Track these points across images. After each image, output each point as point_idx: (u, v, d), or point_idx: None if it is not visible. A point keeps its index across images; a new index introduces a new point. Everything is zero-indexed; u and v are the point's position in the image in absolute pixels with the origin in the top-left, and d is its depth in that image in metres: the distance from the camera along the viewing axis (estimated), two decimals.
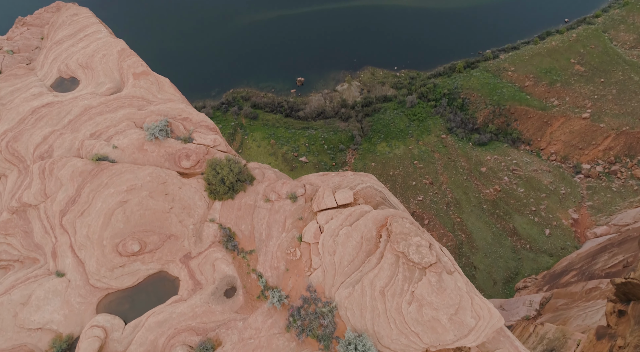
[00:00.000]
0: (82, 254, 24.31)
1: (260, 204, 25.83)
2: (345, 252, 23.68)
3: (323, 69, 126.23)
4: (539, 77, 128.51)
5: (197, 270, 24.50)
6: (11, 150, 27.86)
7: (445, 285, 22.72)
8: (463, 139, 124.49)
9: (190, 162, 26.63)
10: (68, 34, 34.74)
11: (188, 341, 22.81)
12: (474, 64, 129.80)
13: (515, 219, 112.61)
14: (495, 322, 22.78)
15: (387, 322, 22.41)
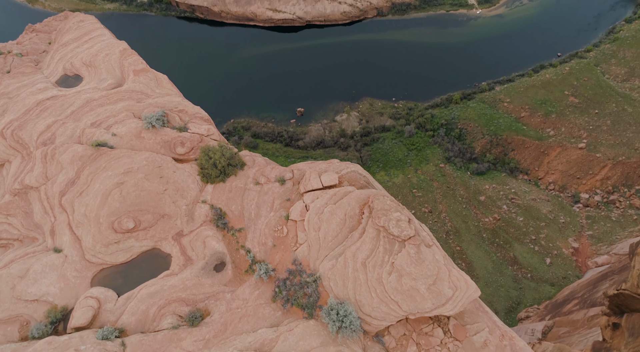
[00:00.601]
0: (79, 232, 25.67)
1: (250, 186, 27.33)
2: (329, 228, 25.00)
3: (322, 100, 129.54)
4: (535, 108, 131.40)
5: (188, 246, 25.77)
6: (16, 137, 29.65)
7: (424, 257, 23.90)
8: (461, 168, 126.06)
9: (184, 149, 28.32)
10: (74, 37, 37.24)
11: (178, 310, 23.87)
12: (470, 96, 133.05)
13: (516, 248, 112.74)
14: (472, 293, 23.82)
15: (368, 291, 23.48)
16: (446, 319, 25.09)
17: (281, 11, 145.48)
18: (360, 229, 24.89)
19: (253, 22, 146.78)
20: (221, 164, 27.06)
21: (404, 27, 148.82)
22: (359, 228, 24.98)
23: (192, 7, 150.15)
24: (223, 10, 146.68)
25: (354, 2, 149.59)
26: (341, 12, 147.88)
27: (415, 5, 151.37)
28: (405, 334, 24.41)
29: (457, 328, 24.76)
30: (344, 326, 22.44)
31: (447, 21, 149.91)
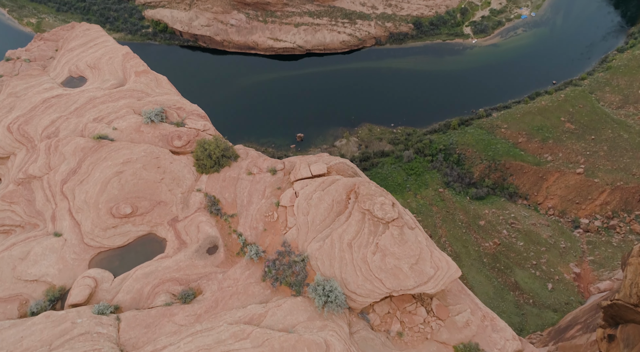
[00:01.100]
0: (79, 217, 27.07)
1: (243, 176, 28.85)
2: (317, 212, 26.38)
3: (322, 126, 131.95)
4: (531, 134, 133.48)
5: (183, 231, 27.11)
6: (21, 131, 31.35)
7: (407, 238, 25.19)
8: (460, 193, 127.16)
9: (181, 142, 29.97)
10: (80, 43, 39.47)
11: (171, 289, 25.04)
12: (467, 122, 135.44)
13: (517, 273, 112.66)
14: (453, 273, 25.00)
15: (353, 270, 24.68)
16: (429, 299, 26.15)
17: (282, 40, 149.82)
18: (347, 213, 26.28)
19: (254, 50, 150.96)
20: (216, 155, 28.66)
21: (401, 56, 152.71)
22: (345, 212, 26.36)
23: (195, 36, 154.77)
24: (225, 40, 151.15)
25: (353, 31, 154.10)
26: (340, 41, 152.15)
27: (413, 35, 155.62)
28: (390, 312, 25.45)
29: (439, 308, 25.80)
30: (329, 301, 23.55)
31: (444, 50, 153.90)
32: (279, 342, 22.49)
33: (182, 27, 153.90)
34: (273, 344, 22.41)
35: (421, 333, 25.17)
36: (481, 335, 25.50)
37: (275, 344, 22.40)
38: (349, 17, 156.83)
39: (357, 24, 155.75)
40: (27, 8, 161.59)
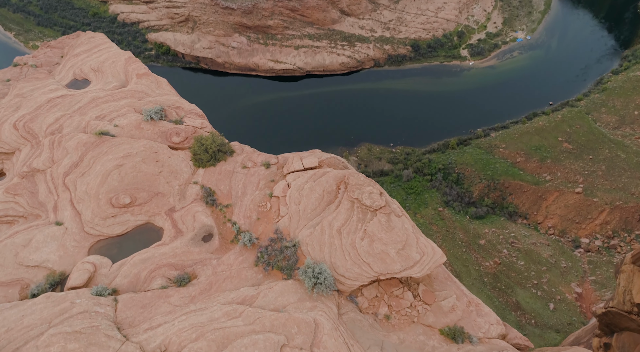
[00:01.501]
0: (80, 207, 28.38)
1: (238, 170, 30.24)
2: (308, 202, 27.68)
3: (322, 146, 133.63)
4: (530, 153, 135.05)
5: (179, 220, 28.36)
6: (27, 128, 32.89)
7: (394, 224, 26.42)
8: (460, 212, 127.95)
9: (179, 138, 31.46)
10: (84, 49, 41.42)
11: (167, 274, 26.17)
12: (466, 141, 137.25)
13: (518, 293, 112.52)
14: (438, 259, 26.13)
15: (342, 255, 25.83)
16: (416, 285, 27.20)
17: (282, 62, 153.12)
18: (337, 202, 27.56)
19: (255, 72, 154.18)
20: (212, 150, 30.13)
21: (400, 77, 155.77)
22: (335, 201, 27.65)
23: (197, 58, 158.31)
24: (227, 61, 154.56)
25: (352, 53, 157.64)
26: (340, 63, 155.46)
27: (411, 57, 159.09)
28: (377, 296, 26.49)
29: (426, 293, 26.83)
30: (318, 283, 24.64)
31: (442, 72, 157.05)
32: (270, 321, 23.52)
33: (185, 50, 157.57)
34: (264, 322, 23.45)
35: (408, 316, 26.15)
36: (466, 319, 26.46)
37: (266, 322, 23.44)
38: (348, 40, 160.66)
39: (356, 47, 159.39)
40: (34, 32, 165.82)
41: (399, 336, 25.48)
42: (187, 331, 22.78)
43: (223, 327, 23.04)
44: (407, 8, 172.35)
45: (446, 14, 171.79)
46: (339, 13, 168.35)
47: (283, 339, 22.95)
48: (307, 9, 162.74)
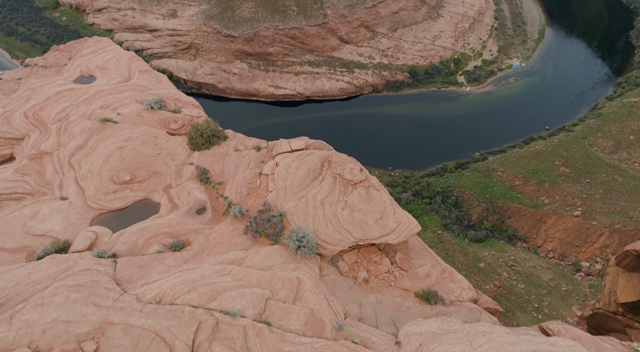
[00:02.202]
0: (84, 183, 31.10)
1: (231, 152, 33.05)
2: (295, 178, 30.40)
3: None
4: (527, 177, 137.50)
5: (175, 196, 31.02)
6: (36, 117, 35.87)
7: (372, 197, 29.06)
8: (459, 235, 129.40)
9: (177, 125, 34.40)
10: (91, 51, 44.86)
11: (163, 241, 28.69)
12: (464, 165, 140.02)
13: (519, 317, 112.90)
14: (413, 228, 28.68)
15: (325, 223, 28.36)
16: (393, 253, 29.61)
17: (282, 87, 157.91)
18: (320, 178, 30.27)
19: (255, 97, 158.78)
20: (207, 134, 33.03)
21: (398, 102, 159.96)
22: (319, 178, 30.36)
23: (199, 84, 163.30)
24: (228, 87, 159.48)
25: (351, 79, 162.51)
26: (339, 88, 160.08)
27: (409, 83, 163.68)
28: (357, 261, 28.87)
29: (403, 260, 29.23)
30: (302, 245, 27.11)
31: (439, 97, 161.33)
32: (256, 278, 25.94)
33: (187, 76, 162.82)
34: (251, 278, 25.86)
35: (385, 280, 28.47)
36: (440, 284, 28.73)
37: (252, 279, 25.85)
38: (347, 66, 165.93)
39: (354, 73, 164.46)
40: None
41: (377, 297, 27.76)
42: (180, 285, 25.19)
43: (213, 282, 25.45)
44: (405, 36, 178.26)
45: (443, 41, 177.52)
46: (338, 41, 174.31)
47: (268, 293, 25.33)
48: (307, 37, 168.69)
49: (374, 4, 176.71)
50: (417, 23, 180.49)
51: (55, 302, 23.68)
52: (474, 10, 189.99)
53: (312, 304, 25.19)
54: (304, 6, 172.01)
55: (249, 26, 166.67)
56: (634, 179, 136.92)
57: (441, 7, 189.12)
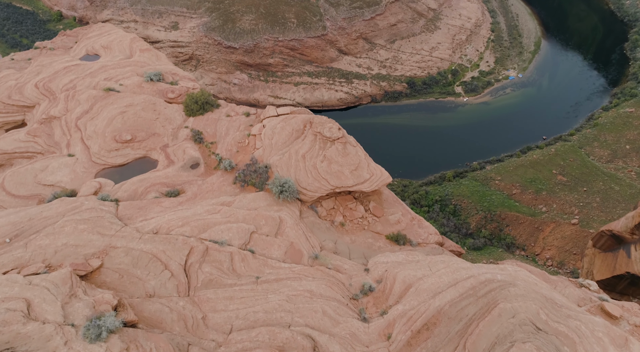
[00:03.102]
0: (89, 142, 35.06)
1: (223, 118, 37.05)
2: (280, 137, 34.36)
3: None
4: (525, 186, 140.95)
5: (172, 153, 34.94)
6: (46, 87, 39.96)
7: (349, 151, 32.98)
8: (458, 243, 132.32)
9: (174, 95, 38.48)
10: (96, 34, 49.25)
11: (160, 190, 32.52)
12: (462, 174, 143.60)
13: None
14: (385, 178, 32.51)
15: (305, 173, 32.21)
16: (367, 202, 33.37)
17: (282, 98, 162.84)
18: (303, 136, 34.24)
19: (255, 107, 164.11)
20: (201, 101, 37.11)
21: (396, 112, 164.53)
22: (301, 136, 34.34)
23: None
24: (228, 97, 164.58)
25: (350, 90, 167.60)
26: (337, 98, 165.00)
27: (407, 93, 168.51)
28: (334, 207, 32.62)
29: (376, 208, 32.99)
30: (284, 190, 30.91)
31: (437, 107, 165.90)
32: (243, 215, 29.72)
33: None
34: (238, 216, 29.64)
35: (359, 225, 32.18)
36: (409, 229, 32.41)
37: (239, 216, 29.63)
38: (345, 77, 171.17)
39: (353, 83, 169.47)
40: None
41: (351, 237, 31.45)
42: (175, 221, 28.97)
43: (204, 218, 29.23)
44: (403, 48, 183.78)
45: (440, 53, 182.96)
46: (337, 52, 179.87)
47: (253, 228, 29.10)
48: (307, 48, 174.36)
49: (372, 17, 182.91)
50: (415, 35, 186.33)
51: (64, 231, 27.49)
52: (471, 22, 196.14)
53: (292, 238, 28.92)
54: (304, 18, 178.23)
55: (249, 38, 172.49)
56: (631, 187, 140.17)
57: (438, 19, 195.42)
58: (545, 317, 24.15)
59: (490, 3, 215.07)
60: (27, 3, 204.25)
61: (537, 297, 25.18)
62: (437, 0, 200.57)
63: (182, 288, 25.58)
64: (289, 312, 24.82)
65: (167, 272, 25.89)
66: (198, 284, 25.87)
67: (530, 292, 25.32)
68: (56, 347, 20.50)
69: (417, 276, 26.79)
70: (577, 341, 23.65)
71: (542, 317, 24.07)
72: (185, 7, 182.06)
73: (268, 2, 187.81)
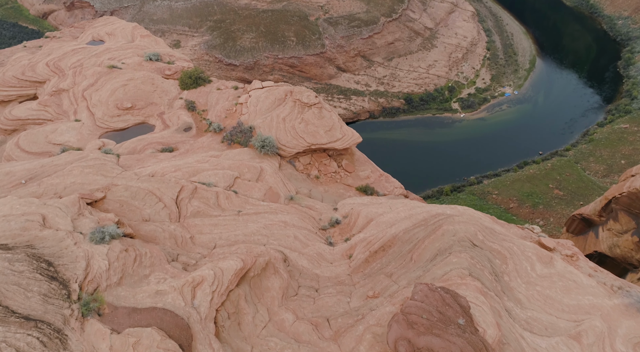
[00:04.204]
0: (94, 110, 40.57)
1: (214, 91, 42.62)
2: (264, 104, 39.85)
3: None
4: (522, 200, 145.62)
5: (167, 119, 40.40)
6: (56, 65, 45.64)
7: (324, 115, 38.41)
8: None
9: (171, 72, 44.18)
10: (101, 24, 55.27)
11: (156, 147, 37.83)
12: (460, 188, 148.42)
13: None
14: (356, 138, 37.81)
15: (285, 133, 37.57)
16: (340, 160, 38.62)
17: None
18: (284, 103, 39.81)
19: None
20: (194, 76, 42.76)
21: (394, 128, 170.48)
22: (283, 104, 39.93)
23: None
24: None
25: (348, 106, 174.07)
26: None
27: (404, 109, 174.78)
28: (310, 163, 37.85)
29: (348, 165, 38.24)
30: (265, 145, 36.21)
31: (434, 123, 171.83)
32: (228, 164, 34.97)
33: None
34: (224, 165, 34.89)
35: (332, 178, 37.36)
36: (377, 183, 37.54)
37: (225, 165, 34.88)
38: (344, 94, 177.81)
39: (352, 100, 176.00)
40: None
41: (325, 188, 36.62)
42: (168, 168, 34.18)
43: (194, 166, 34.45)
44: (400, 65, 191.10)
45: (437, 70, 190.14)
46: (336, 69, 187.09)
47: (237, 174, 34.30)
48: (306, 66, 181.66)
49: (370, 35, 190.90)
50: (412, 53, 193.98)
51: (72, 173, 32.77)
52: (467, 41, 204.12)
53: (271, 183, 34.11)
54: (303, 36, 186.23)
55: (249, 55, 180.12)
56: None
57: (435, 38, 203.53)
58: (482, 237, 29.15)
59: (485, 22, 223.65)
60: (32, 23, 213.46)
61: (477, 224, 30.22)
62: (434, 20, 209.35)
63: (174, 216, 30.70)
64: (265, 236, 29.89)
65: (160, 204, 31.06)
66: (187, 214, 31.00)
67: (472, 219, 30.37)
68: (67, 246, 25.46)
69: (378, 213, 31.89)
70: (508, 256, 28.62)
71: (479, 237, 29.07)
72: (187, 26, 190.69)
73: (268, 21, 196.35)
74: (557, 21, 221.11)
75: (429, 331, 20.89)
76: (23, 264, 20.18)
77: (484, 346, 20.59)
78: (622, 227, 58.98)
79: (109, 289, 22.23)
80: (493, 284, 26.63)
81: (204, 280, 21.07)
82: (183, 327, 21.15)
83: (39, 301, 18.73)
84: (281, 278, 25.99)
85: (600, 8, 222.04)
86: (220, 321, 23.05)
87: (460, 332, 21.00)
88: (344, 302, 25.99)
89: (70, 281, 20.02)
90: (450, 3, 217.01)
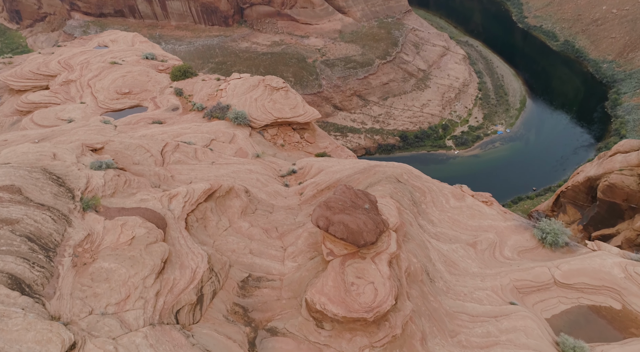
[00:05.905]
0: (97, 95, 50.30)
1: (199, 81, 52.41)
2: (240, 89, 49.53)
3: None
4: None
5: (159, 102, 49.99)
6: (66, 63, 55.69)
7: (289, 96, 47.92)
8: None
9: (163, 67, 54.19)
10: (106, 34, 66.06)
11: (147, 121, 47.49)
12: None
13: None
14: (316, 115, 47.01)
15: (256, 109, 46.97)
16: (303, 133, 47.88)
17: None
18: (257, 89, 49.61)
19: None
20: (183, 70, 52.75)
21: None
22: (256, 89, 49.70)
23: None
24: None
25: (344, 142, 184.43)
26: None
27: (399, 146, 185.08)
28: (277, 134, 47.02)
29: (309, 137, 47.41)
30: (238, 117, 45.47)
31: (429, 159, 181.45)
32: (207, 129, 44.20)
33: None
34: (202, 130, 44.15)
35: (295, 146, 46.41)
36: (333, 152, 46.54)
37: (204, 130, 44.13)
38: (340, 131, 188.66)
39: (348, 137, 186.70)
40: None
41: (288, 153, 45.64)
42: (157, 132, 43.45)
43: (178, 131, 43.65)
44: (395, 104, 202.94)
45: (431, 109, 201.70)
46: (333, 108, 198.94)
47: (213, 136, 43.46)
48: None
49: (365, 76, 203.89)
50: (407, 93, 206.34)
51: (77, 134, 42.00)
52: (459, 82, 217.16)
53: (241, 145, 43.25)
54: (301, 77, 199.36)
55: None
56: None
57: (428, 79, 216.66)
58: (407, 177, 37.80)
59: (476, 65, 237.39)
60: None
61: (405, 168, 39.02)
62: (427, 62, 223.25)
63: (159, 163, 39.58)
64: (232, 178, 38.66)
65: (148, 154, 39.99)
66: (170, 162, 39.94)
67: (401, 166, 39.23)
68: (73, 170, 34.35)
69: (328, 165, 40.72)
70: (427, 192, 37.20)
71: (404, 177, 37.72)
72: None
73: (267, 62, 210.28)
74: (545, 65, 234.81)
75: (342, 212, 29.44)
76: (39, 175, 28.65)
77: (382, 222, 29.11)
78: (570, 218, 67.07)
79: (104, 198, 30.58)
80: (411, 207, 35.08)
81: (179, 193, 29.56)
82: (160, 218, 29.50)
83: (50, 197, 27.06)
84: (241, 200, 34.58)
85: (586, 52, 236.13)
86: (190, 222, 31.37)
87: (366, 213, 29.65)
88: (291, 218, 34.49)
89: (75, 189, 28.48)
90: (442, 47, 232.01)
